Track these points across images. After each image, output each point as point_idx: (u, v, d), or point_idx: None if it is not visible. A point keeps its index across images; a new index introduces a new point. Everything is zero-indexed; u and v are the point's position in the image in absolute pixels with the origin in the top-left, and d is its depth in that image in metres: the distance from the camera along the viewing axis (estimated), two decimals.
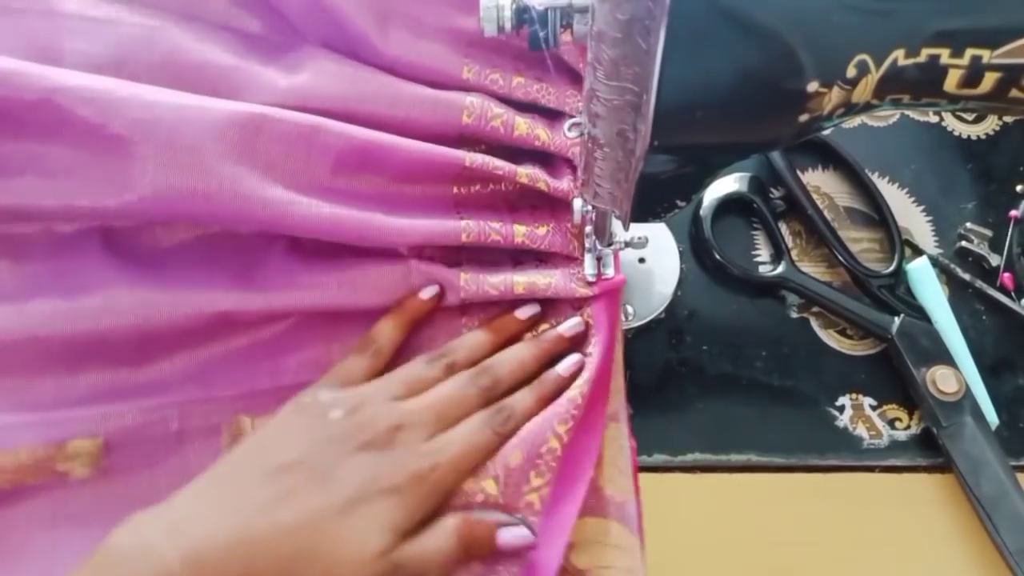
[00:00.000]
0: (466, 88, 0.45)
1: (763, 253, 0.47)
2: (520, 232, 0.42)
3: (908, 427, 0.43)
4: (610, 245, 0.40)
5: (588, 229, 0.41)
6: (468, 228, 0.41)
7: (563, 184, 0.43)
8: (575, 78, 0.47)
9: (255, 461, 0.33)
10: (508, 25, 0.30)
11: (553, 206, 0.44)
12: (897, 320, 0.44)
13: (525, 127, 0.44)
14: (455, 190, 0.43)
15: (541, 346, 0.39)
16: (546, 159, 0.45)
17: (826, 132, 0.44)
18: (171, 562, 0.29)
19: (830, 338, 0.45)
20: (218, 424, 0.37)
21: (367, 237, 0.39)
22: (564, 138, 0.45)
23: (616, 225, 0.40)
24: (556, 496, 0.36)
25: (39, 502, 0.35)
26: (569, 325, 0.40)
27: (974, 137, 0.50)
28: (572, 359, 0.39)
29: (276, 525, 0.31)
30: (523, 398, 0.37)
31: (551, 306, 0.41)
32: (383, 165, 0.41)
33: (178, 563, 0.29)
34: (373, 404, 0.35)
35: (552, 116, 0.47)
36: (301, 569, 0.31)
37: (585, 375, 0.38)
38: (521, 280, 0.40)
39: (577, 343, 0.40)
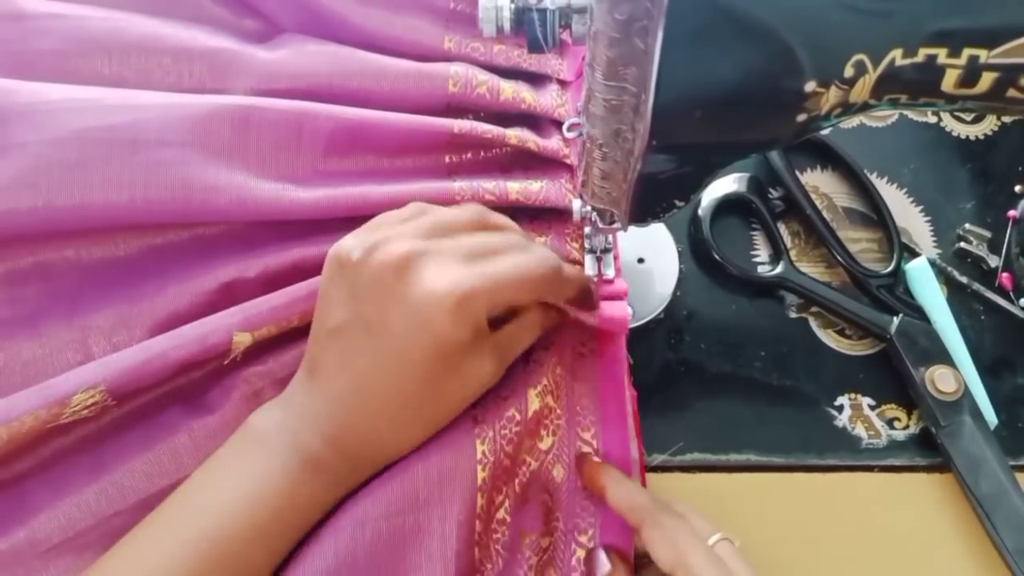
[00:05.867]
0: (448, 58, 0.46)
1: (762, 253, 0.47)
2: (514, 189, 0.42)
3: (907, 427, 0.43)
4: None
5: (587, 230, 0.41)
6: (461, 189, 0.41)
7: (552, 143, 0.44)
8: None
9: (320, 332, 0.34)
10: (507, 26, 0.30)
11: (545, 165, 0.44)
12: (896, 320, 0.44)
13: (510, 91, 0.44)
14: (447, 159, 0.44)
15: None
16: (533, 122, 0.45)
17: (825, 132, 0.44)
18: (309, 440, 0.33)
19: (829, 338, 0.45)
20: (215, 344, 0.36)
21: (361, 209, 0.39)
22: (549, 100, 0.45)
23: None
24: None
25: (57, 448, 0.35)
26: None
27: (972, 137, 0.50)
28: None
29: (363, 382, 0.33)
30: (569, 266, 0.37)
31: None
32: (374, 142, 0.42)
33: (315, 441, 0.33)
34: (392, 239, 0.33)
35: (535, 80, 0.47)
36: (400, 413, 0.34)
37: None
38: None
39: None
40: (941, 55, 0.26)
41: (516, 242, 0.34)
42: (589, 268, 0.41)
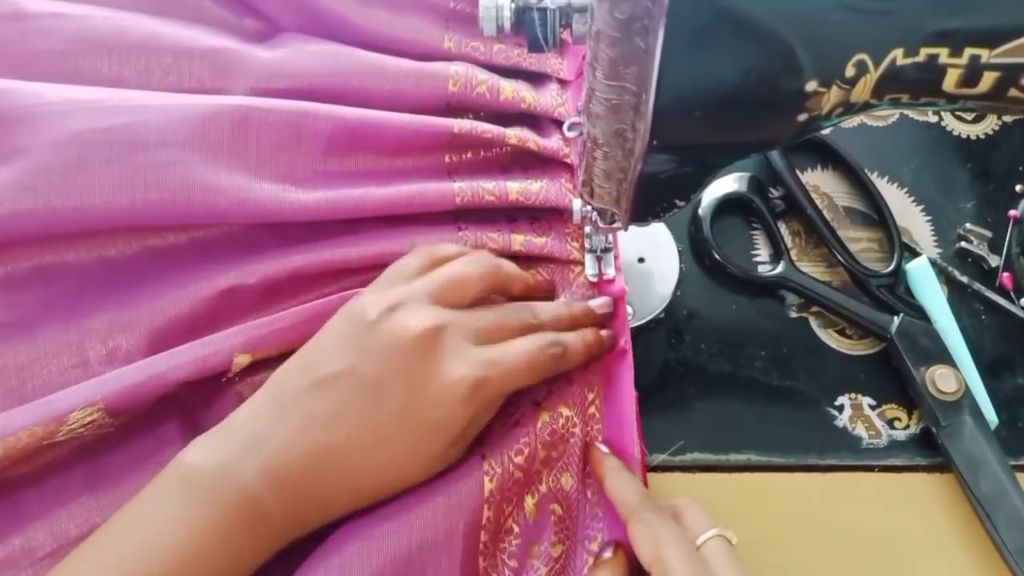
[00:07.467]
0: (448, 58, 0.46)
1: (762, 253, 0.47)
2: (514, 189, 0.42)
3: (907, 427, 0.43)
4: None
5: (588, 229, 0.41)
6: (461, 190, 0.41)
7: (552, 143, 0.44)
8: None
9: (306, 372, 0.33)
10: (507, 25, 0.30)
11: (545, 165, 0.44)
12: (896, 320, 0.44)
13: (510, 91, 0.45)
14: (447, 159, 0.44)
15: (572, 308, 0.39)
16: (533, 122, 0.45)
17: (825, 132, 0.44)
18: (249, 480, 0.30)
19: (829, 338, 0.45)
20: (215, 365, 0.35)
21: (361, 210, 0.39)
22: (549, 99, 0.45)
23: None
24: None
25: (53, 458, 0.35)
26: (599, 303, 0.40)
27: (973, 137, 0.50)
28: (603, 299, 0.40)
29: (339, 439, 0.31)
30: (574, 339, 0.37)
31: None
32: (374, 142, 0.42)
33: (256, 482, 0.30)
34: (410, 305, 0.33)
35: (535, 79, 0.47)
36: (373, 481, 0.33)
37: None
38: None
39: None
40: (942, 55, 0.26)
41: (525, 319, 0.36)
42: (589, 268, 0.41)
